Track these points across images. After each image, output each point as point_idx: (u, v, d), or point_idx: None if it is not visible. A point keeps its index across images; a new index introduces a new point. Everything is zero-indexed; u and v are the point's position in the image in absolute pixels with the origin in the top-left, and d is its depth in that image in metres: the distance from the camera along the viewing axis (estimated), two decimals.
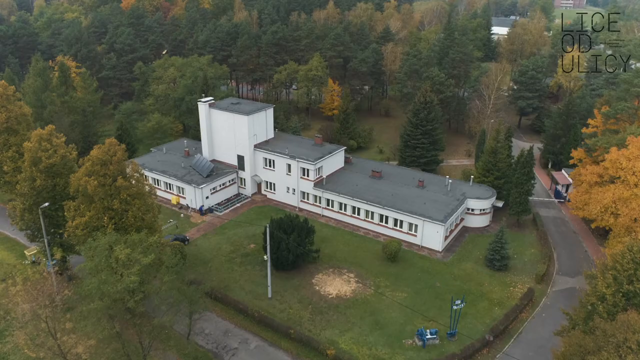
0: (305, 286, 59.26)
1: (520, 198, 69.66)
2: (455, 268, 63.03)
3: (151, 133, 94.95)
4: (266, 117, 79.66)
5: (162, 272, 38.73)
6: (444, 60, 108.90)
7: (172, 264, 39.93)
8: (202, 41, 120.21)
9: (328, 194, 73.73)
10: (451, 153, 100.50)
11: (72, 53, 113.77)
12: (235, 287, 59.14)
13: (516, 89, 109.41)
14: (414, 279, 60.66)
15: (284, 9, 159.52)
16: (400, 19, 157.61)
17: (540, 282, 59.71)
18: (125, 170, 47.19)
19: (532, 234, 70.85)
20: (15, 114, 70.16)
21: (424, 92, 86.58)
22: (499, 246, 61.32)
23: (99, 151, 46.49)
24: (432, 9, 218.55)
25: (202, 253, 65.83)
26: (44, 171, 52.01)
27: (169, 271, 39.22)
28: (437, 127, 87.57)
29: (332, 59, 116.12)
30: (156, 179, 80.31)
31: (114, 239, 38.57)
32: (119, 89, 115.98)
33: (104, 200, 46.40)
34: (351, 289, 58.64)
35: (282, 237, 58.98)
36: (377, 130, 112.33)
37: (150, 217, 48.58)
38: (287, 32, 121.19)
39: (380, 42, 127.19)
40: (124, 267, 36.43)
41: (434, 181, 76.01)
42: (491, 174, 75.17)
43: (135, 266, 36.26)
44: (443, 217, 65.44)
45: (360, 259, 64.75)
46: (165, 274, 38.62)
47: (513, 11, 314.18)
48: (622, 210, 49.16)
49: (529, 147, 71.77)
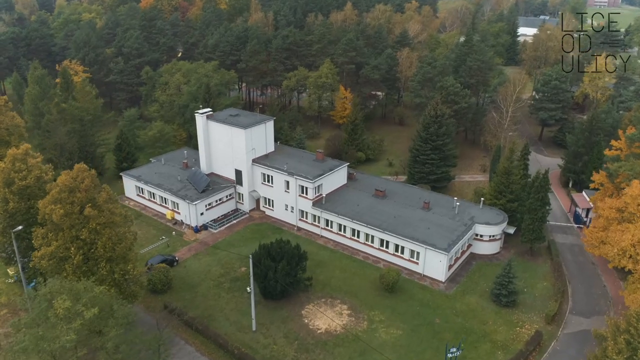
0: (294, 318, 55.40)
1: (534, 225, 64.23)
2: (458, 302, 58.20)
3: (152, 142, 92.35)
4: (266, 130, 75.91)
5: (110, 325, 35.15)
6: (460, 68, 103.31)
7: (123, 314, 36.39)
8: (211, 45, 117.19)
9: (327, 214, 69.63)
10: (465, 167, 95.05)
11: (80, 57, 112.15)
12: (220, 316, 55.69)
13: (537, 99, 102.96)
14: (411, 314, 56.15)
15: (301, 10, 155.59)
16: (420, 21, 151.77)
17: (550, 322, 54.46)
18: (96, 197, 44.02)
19: (546, 264, 65.34)
20: (5, 125, 68.36)
21: (434, 105, 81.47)
22: (506, 280, 56.27)
23: (66, 177, 43.49)
24: (456, 9, 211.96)
25: (190, 276, 62.62)
26: (17, 193, 49.41)
27: (117, 323, 35.59)
28: (448, 142, 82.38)
29: (344, 65, 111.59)
30: (152, 192, 77.57)
31: (57, 287, 35.28)
32: (126, 94, 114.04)
33: (71, 230, 43.41)
34: (342, 324, 54.51)
35: (269, 265, 55.23)
36: (390, 140, 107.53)
37: (122, 247, 45.35)
38: (299, 36, 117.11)
39: (396, 47, 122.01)
40: (65, 321, 33.15)
41: (441, 202, 71.08)
42: (504, 196, 69.84)
43: (77, 320, 32.95)
44: (447, 246, 60.64)
45: (356, 287, 60.53)
46: (112, 328, 35.00)
47: (543, 10, 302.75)
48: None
49: (544, 170, 66.02)
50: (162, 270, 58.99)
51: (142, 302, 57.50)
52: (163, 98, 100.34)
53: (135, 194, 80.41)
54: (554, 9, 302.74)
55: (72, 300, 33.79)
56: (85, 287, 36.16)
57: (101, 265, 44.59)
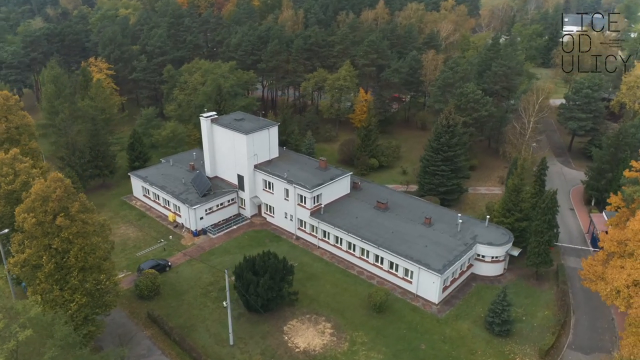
0: (274, 334, 54.15)
1: (539, 248, 60.16)
2: (449, 327, 55.27)
3: (166, 141, 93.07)
4: (269, 136, 74.71)
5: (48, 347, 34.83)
6: (485, 73, 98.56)
7: (62, 335, 35.91)
8: (234, 44, 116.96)
9: (324, 225, 67.86)
10: (483, 178, 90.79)
11: (105, 54, 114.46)
12: (201, 327, 55.18)
13: (567, 108, 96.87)
14: (396, 337, 53.75)
15: (333, 8, 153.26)
16: (454, 20, 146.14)
17: (544, 357, 50.79)
18: (69, 207, 44.04)
19: (551, 291, 61.18)
20: (15, 124, 70.04)
21: (447, 114, 77.86)
22: (499, 308, 52.90)
23: (40, 186, 43.69)
24: (498, 7, 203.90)
25: (180, 283, 62.46)
26: (4, 197, 50.40)
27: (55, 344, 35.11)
28: (460, 154, 78.66)
29: (365, 67, 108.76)
30: (156, 194, 78.05)
31: None
32: (149, 92, 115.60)
33: (44, 238, 43.67)
34: (322, 343, 52.82)
35: (251, 279, 54.13)
36: (409, 145, 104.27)
37: (95, 257, 45.27)
38: (321, 36, 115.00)
39: (422, 49, 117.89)
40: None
41: (445, 218, 67.85)
42: (512, 215, 65.91)
43: (12, 342, 32.78)
44: (442, 267, 57.69)
45: (345, 305, 58.60)
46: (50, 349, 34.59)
47: (596, 8, 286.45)
48: (635, 300, 39.17)
49: (554, 189, 61.68)
50: (150, 277, 58.99)
51: (127, 308, 57.95)
52: (181, 97, 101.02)
53: (142, 195, 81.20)
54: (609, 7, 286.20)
55: (7, 321, 33.69)
56: (24, 307, 36.03)
57: (73, 275, 44.70)
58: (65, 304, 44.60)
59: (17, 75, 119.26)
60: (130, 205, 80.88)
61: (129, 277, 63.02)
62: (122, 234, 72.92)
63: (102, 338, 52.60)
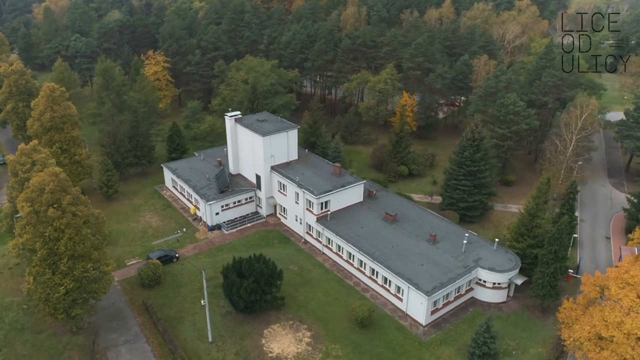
0: (253, 336, 55.47)
1: (544, 280, 56.16)
2: (430, 352, 53.48)
3: (204, 135, 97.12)
4: (288, 139, 75.65)
5: None
6: (535, 83, 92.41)
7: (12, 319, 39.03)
8: (284, 42, 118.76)
9: (328, 232, 67.89)
10: (518, 195, 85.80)
11: (165, 47, 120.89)
12: (189, 321, 57.76)
13: (625, 125, 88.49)
14: (372, 355, 52.97)
15: (396, 6, 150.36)
16: (523, 22, 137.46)
17: None
18: (61, 199, 47.92)
19: (553, 326, 56.76)
20: (59, 114, 76.61)
21: (472, 127, 74.30)
22: (481, 340, 50.34)
23: (38, 179, 47.94)
24: (588, 3, 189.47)
25: (182, 275, 65.57)
26: (21, 184, 55.63)
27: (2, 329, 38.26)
28: (485, 169, 74.85)
29: (410, 71, 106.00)
30: (182, 187, 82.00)
31: None
32: (201, 85, 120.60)
33: (39, 226, 47.97)
34: (296, 351, 53.34)
35: (235, 280, 55.75)
36: (448, 153, 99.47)
37: (83, 247, 49.00)
38: (369, 37, 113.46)
39: (477, 52, 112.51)
40: None
41: (452, 237, 65.21)
42: (524, 240, 62.02)
43: None
44: (430, 289, 55.79)
45: (331, 315, 58.54)
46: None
47: None
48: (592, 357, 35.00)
49: (570, 216, 57.23)
50: (152, 267, 62.54)
51: (129, 294, 61.93)
52: (225, 93, 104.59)
53: (172, 186, 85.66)
54: None
55: None
56: None
57: (63, 262, 48.71)
58: (55, 287, 48.87)
59: (89, 64, 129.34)
60: (160, 195, 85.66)
61: (140, 264, 67.07)
62: (145, 221, 77.63)
63: (100, 323, 56.73)
